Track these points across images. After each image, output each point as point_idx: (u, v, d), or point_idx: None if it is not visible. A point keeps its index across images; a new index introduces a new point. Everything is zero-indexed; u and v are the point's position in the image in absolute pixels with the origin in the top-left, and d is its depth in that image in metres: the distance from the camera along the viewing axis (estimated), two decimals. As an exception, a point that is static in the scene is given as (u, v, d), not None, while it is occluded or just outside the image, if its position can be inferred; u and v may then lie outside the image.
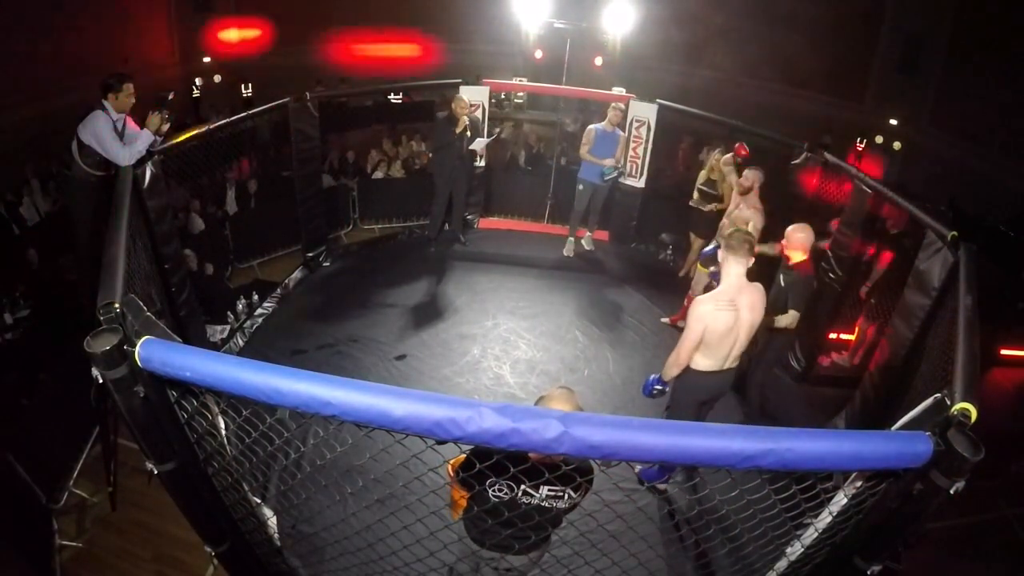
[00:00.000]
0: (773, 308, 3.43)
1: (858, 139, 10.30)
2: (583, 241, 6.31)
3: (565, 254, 6.26)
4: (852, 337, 5.37)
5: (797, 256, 3.58)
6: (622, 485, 3.37)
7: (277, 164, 8.07)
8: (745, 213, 4.33)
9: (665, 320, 5.18)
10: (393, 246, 6.50)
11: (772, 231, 4.80)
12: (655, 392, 3.20)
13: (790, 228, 3.59)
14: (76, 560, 3.16)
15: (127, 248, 2.15)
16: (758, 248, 4.01)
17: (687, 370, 2.99)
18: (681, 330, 3.02)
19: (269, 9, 12.42)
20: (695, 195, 5.46)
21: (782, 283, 3.59)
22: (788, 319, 3.51)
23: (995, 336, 5.51)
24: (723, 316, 2.81)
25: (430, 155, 7.71)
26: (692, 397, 3.18)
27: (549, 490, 1.86)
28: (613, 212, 6.47)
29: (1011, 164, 9.32)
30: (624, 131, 5.86)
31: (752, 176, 4.51)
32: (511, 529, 1.82)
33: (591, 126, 5.83)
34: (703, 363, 2.97)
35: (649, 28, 9.99)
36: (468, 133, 5.59)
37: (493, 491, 1.84)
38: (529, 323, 4.96)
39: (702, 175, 5.46)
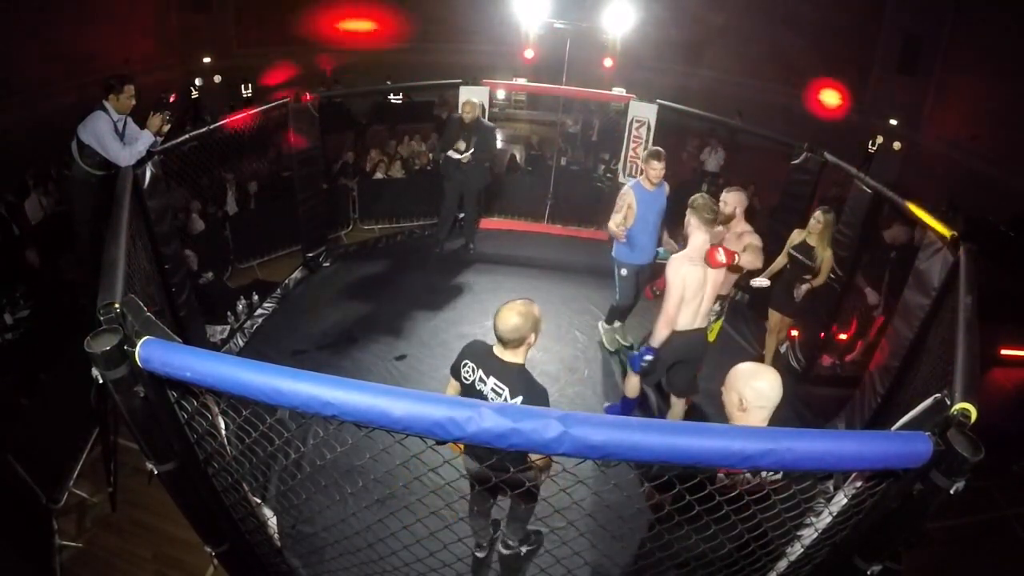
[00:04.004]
0: None
1: (870, 142, 10.27)
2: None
3: (608, 346, 4.73)
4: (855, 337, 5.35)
5: None
6: (622, 486, 3.38)
7: (277, 164, 8.08)
8: (735, 245, 3.66)
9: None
10: (393, 246, 6.51)
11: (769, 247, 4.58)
12: (644, 364, 3.33)
13: None
14: (76, 560, 3.16)
15: (127, 248, 2.15)
16: (754, 282, 4.02)
17: (674, 334, 3.24)
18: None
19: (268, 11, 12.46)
20: (783, 260, 4.38)
21: None
22: None
23: (995, 336, 5.51)
24: (696, 270, 3.13)
25: (430, 155, 7.71)
26: (666, 356, 3.35)
27: (495, 384, 2.26)
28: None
29: (1011, 164, 9.33)
30: (667, 185, 4.24)
31: (733, 199, 3.82)
32: None
33: (627, 187, 4.16)
34: (679, 321, 3.23)
35: (649, 28, 9.98)
36: (463, 136, 5.45)
37: (464, 372, 2.36)
38: (529, 323, 4.95)
39: (795, 236, 4.30)
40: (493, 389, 2.28)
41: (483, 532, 2.90)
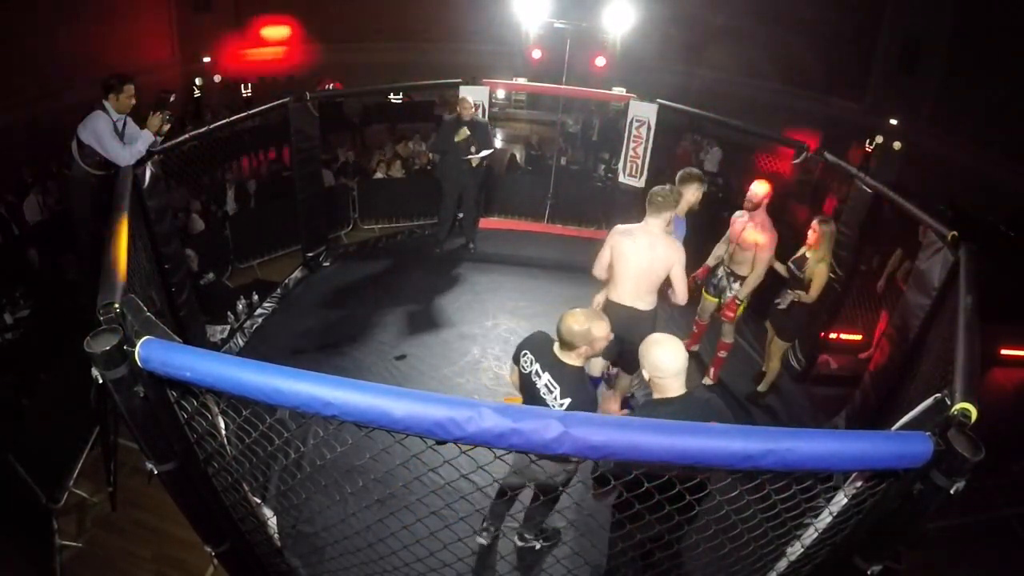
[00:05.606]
0: None
1: (867, 141, 10.28)
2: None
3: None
4: (856, 337, 5.34)
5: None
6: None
7: (277, 164, 8.09)
8: (752, 236, 3.91)
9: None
10: (393, 246, 6.50)
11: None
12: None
13: None
14: (76, 560, 3.16)
15: (127, 248, 2.14)
16: (779, 266, 4.09)
17: (607, 303, 3.43)
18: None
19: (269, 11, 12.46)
20: (783, 273, 4.25)
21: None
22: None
23: (995, 336, 5.51)
24: (624, 241, 3.29)
25: (430, 155, 7.69)
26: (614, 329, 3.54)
27: (548, 381, 2.32)
28: (614, 212, 6.46)
29: (1011, 164, 9.32)
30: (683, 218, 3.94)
31: (761, 191, 3.93)
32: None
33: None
34: (613, 293, 3.41)
35: (649, 28, 9.98)
36: (467, 134, 5.46)
37: (523, 361, 2.44)
38: (529, 323, 4.95)
39: (802, 252, 4.14)
40: (546, 385, 2.35)
41: (493, 523, 2.91)
